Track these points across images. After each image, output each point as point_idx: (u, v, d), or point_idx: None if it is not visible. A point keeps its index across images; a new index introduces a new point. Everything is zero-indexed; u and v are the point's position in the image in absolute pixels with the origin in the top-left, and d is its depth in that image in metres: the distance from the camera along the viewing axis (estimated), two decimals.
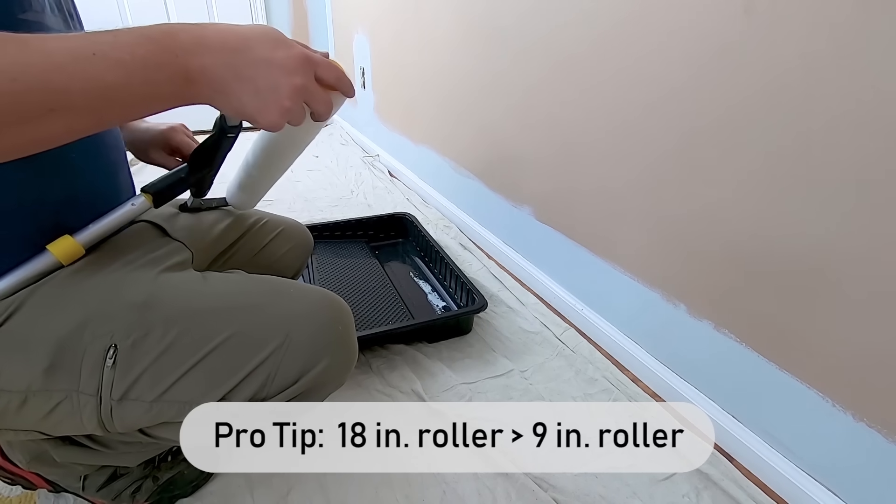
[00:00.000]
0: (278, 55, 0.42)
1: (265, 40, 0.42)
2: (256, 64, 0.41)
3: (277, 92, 0.42)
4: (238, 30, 0.42)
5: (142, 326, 0.48)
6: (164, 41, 0.38)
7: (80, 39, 0.35)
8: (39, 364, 0.45)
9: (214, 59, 0.40)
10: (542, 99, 1.13)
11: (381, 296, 1.20)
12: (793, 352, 0.72)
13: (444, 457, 0.81)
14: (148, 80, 0.37)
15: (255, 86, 0.41)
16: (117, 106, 0.37)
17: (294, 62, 0.42)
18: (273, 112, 0.42)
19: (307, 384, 0.51)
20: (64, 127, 0.36)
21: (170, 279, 0.52)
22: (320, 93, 0.45)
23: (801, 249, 0.68)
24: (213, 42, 0.40)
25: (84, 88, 0.34)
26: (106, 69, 0.35)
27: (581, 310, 1.14)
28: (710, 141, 0.77)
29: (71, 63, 0.34)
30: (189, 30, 0.40)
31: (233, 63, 0.40)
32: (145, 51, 0.37)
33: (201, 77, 0.39)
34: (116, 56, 0.36)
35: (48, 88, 0.33)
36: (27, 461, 0.64)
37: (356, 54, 2.31)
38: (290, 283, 0.57)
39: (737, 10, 0.69)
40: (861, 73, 0.57)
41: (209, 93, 0.41)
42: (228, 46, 0.40)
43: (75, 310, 0.47)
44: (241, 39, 0.41)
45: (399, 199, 1.88)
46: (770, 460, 0.77)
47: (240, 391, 0.49)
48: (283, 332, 0.51)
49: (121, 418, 0.48)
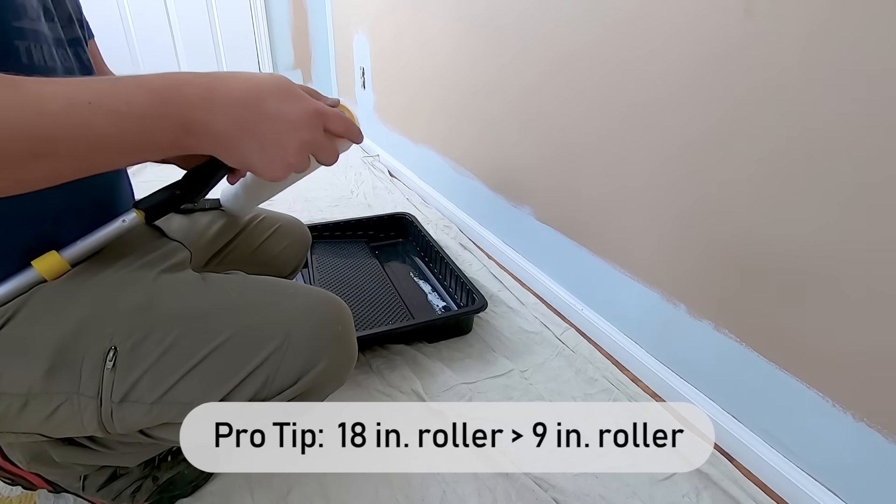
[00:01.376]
0: (288, 109, 0.41)
1: (275, 93, 0.41)
2: (264, 119, 0.40)
3: (283, 148, 0.41)
4: (248, 81, 0.41)
5: (141, 328, 0.47)
6: (166, 93, 0.37)
7: (78, 86, 0.34)
8: (40, 367, 0.45)
9: (221, 115, 0.39)
10: (542, 98, 1.13)
11: (381, 296, 1.20)
12: (793, 352, 0.72)
13: (444, 457, 0.81)
14: (143, 130, 0.36)
15: (261, 142, 0.41)
16: (107, 154, 0.36)
17: (303, 117, 0.42)
18: (277, 168, 0.42)
19: (307, 384, 0.51)
20: (49, 172, 0.35)
21: (169, 280, 0.52)
22: (327, 145, 0.45)
23: (801, 249, 0.68)
24: (221, 96, 0.39)
25: (73, 136, 0.33)
26: (99, 118, 0.34)
27: (581, 310, 1.14)
28: (710, 141, 0.77)
29: (63, 110, 0.33)
30: (197, 82, 0.39)
31: (240, 118, 0.39)
32: (144, 102, 0.36)
33: (204, 130, 0.39)
34: (112, 106, 0.35)
35: (35, 135, 0.32)
36: (27, 461, 0.64)
37: (356, 54, 2.31)
38: (290, 284, 0.57)
39: (737, 11, 0.69)
40: (861, 74, 0.57)
41: (210, 145, 0.40)
42: (237, 100, 0.39)
43: (75, 312, 0.47)
44: (250, 92, 0.40)
45: (399, 199, 1.88)
46: (770, 460, 0.77)
47: (240, 392, 0.49)
48: (283, 332, 0.50)
49: (121, 420, 0.48)
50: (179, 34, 2.36)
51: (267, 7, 2.46)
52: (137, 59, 2.33)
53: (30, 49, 0.43)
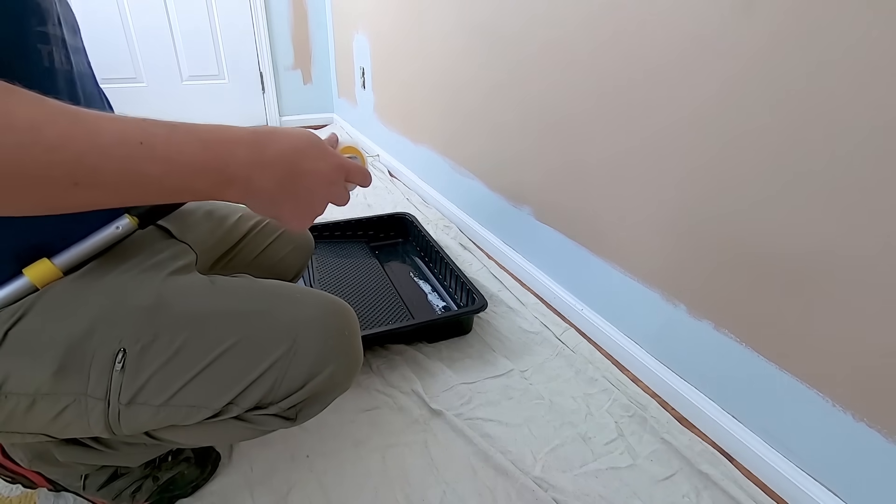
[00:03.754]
0: (321, 167, 0.45)
1: (313, 150, 0.45)
2: (302, 177, 0.43)
3: (313, 204, 0.46)
4: (290, 140, 0.43)
5: (150, 331, 0.47)
6: (219, 150, 0.39)
7: (133, 124, 0.35)
8: (48, 368, 0.45)
9: (263, 175, 0.41)
10: (543, 98, 1.13)
11: (381, 296, 1.20)
12: (793, 352, 0.72)
13: (444, 457, 0.81)
14: (187, 178, 0.38)
15: (295, 199, 0.44)
16: (146, 193, 0.38)
17: (333, 174, 0.46)
18: (305, 220, 0.46)
19: (313, 389, 0.51)
20: (84, 200, 0.35)
21: (177, 283, 0.52)
22: (345, 193, 0.49)
23: (801, 249, 0.68)
24: (267, 157, 0.41)
25: (118, 171, 0.35)
26: (148, 161, 0.35)
27: (581, 310, 1.14)
28: (710, 141, 0.77)
29: (114, 146, 0.34)
30: (247, 140, 0.40)
31: (280, 178, 0.42)
32: (195, 153, 0.37)
33: (244, 186, 0.41)
34: (163, 151, 0.36)
35: (82, 164, 0.33)
36: (29, 460, 0.64)
37: (356, 54, 2.31)
38: (297, 289, 0.57)
39: (737, 11, 0.69)
40: (861, 73, 0.57)
41: (245, 198, 0.42)
42: (280, 161, 0.42)
43: (84, 314, 0.47)
44: (292, 153, 0.43)
45: (399, 199, 1.88)
46: (770, 460, 0.77)
47: (247, 396, 0.49)
48: (291, 337, 0.51)
49: (128, 422, 0.48)
50: (179, 34, 2.36)
51: (267, 7, 2.46)
52: (137, 59, 2.33)
53: (51, 53, 0.44)
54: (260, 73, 2.59)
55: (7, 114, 0.30)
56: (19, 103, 0.31)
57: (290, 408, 0.52)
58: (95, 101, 0.53)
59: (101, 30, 2.21)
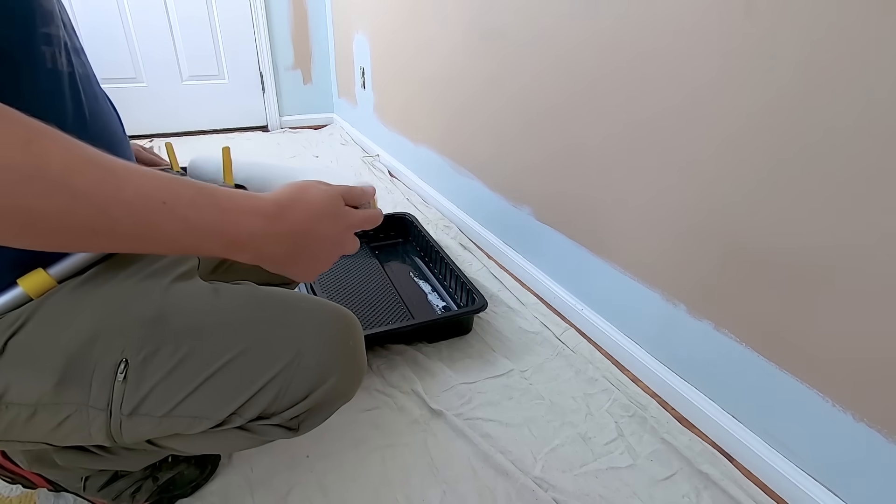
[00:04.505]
0: (334, 232, 0.46)
1: (328, 219, 0.45)
2: (314, 242, 0.45)
3: (322, 263, 0.47)
4: (311, 209, 0.44)
5: (153, 341, 0.47)
6: (237, 217, 0.40)
7: (159, 182, 0.36)
8: (50, 378, 0.44)
9: (275, 243, 0.42)
10: (543, 98, 1.13)
11: (381, 296, 1.20)
12: (793, 352, 0.72)
13: (444, 457, 0.81)
14: (202, 239, 0.39)
15: (304, 262, 0.45)
16: (159, 247, 0.38)
17: (344, 235, 0.47)
18: (311, 276, 0.47)
19: (317, 399, 0.51)
20: (95, 245, 0.36)
21: (180, 291, 0.51)
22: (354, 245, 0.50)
23: (801, 249, 0.68)
24: (281, 228, 0.42)
25: (135, 226, 0.35)
26: (167, 220, 0.36)
27: (581, 310, 1.14)
28: (710, 141, 0.77)
29: (137, 200, 0.35)
30: (267, 213, 0.41)
31: (291, 246, 0.43)
32: (213, 219, 0.38)
33: (255, 252, 0.42)
34: (183, 213, 0.37)
35: (103, 216, 0.34)
36: (29, 462, 0.64)
37: (356, 54, 2.31)
38: (301, 297, 0.57)
39: (737, 11, 0.69)
40: (860, 74, 0.57)
41: (254, 260, 0.43)
42: (295, 232, 0.43)
43: (85, 323, 0.46)
44: (308, 221, 0.44)
45: (399, 199, 1.88)
46: (770, 460, 0.77)
47: (250, 406, 0.49)
48: (295, 347, 0.50)
49: (130, 432, 0.48)
50: (179, 34, 2.36)
51: (267, 7, 2.46)
52: (137, 58, 2.33)
53: (54, 55, 0.43)
54: (260, 73, 2.59)
55: (41, 156, 0.31)
56: (52, 146, 0.32)
57: (293, 418, 0.51)
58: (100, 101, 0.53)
59: (101, 29, 2.21)
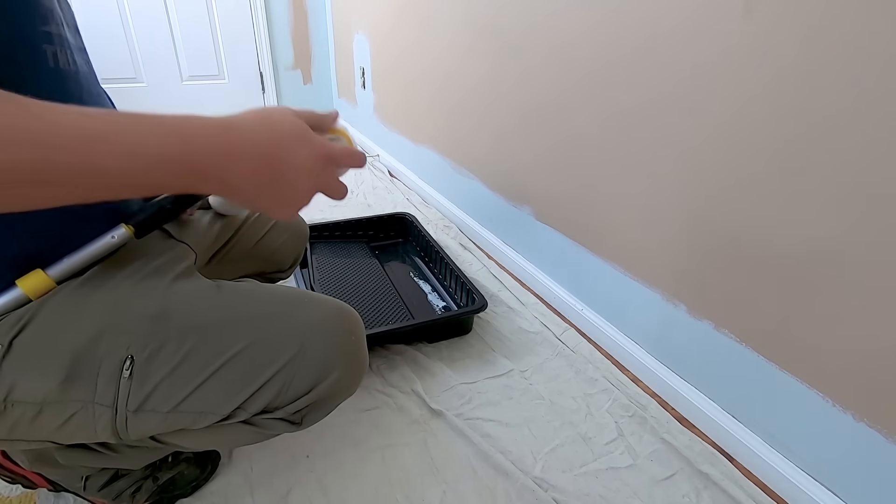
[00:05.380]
0: (303, 158, 0.42)
1: (293, 141, 0.41)
2: (280, 168, 0.41)
3: (296, 195, 0.43)
4: (269, 127, 0.41)
5: (157, 338, 0.47)
6: (187, 139, 0.36)
7: (97, 119, 0.33)
8: (55, 376, 0.44)
9: (237, 167, 0.39)
10: (543, 98, 1.13)
11: (381, 296, 1.20)
12: (793, 352, 0.72)
13: (444, 457, 0.81)
14: (154, 172, 0.35)
15: (276, 192, 0.41)
16: (112, 190, 0.35)
17: (318, 164, 0.43)
18: (288, 211, 0.43)
19: (319, 394, 0.51)
20: (49, 198, 0.33)
21: (183, 288, 0.52)
22: (336, 185, 0.46)
23: (801, 249, 0.68)
24: (238, 150, 0.39)
25: (81, 169, 0.32)
26: (111, 156, 0.33)
27: (581, 310, 1.14)
28: (711, 141, 0.77)
29: (77, 142, 0.32)
30: (217, 131, 0.38)
31: (255, 170, 0.40)
32: (161, 145, 0.35)
33: (217, 180, 0.38)
34: (126, 145, 0.34)
35: (44, 160, 0.31)
36: (30, 461, 0.64)
37: (356, 54, 2.31)
38: (303, 293, 0.57)
39: (737, 11, 0.69)
40: (860, 74, 0.57)
41: (222, 191, 0.40)
42: (254, 153, 0.39)
43: (90, 321, 0.46)
44: (271, 141, 0.40)
45: (399, 199, 1.88)
46: (770, 460, 0.77)
47: (254, 401, 0.49)
48: (298, 343, 0.51)
49: (136, 428, 0.48)
50: (179, 34, 2.36)
51: (267, 7, 2.46)
52: (137, 58, 2.33)
53: (56, 53, 0.43)
54: (260, 73, 2.59)
55: None
56: None
57: (296, 412, 0.52)
58: (104, 101, 0.53)
59: (101, 29, 2.21)
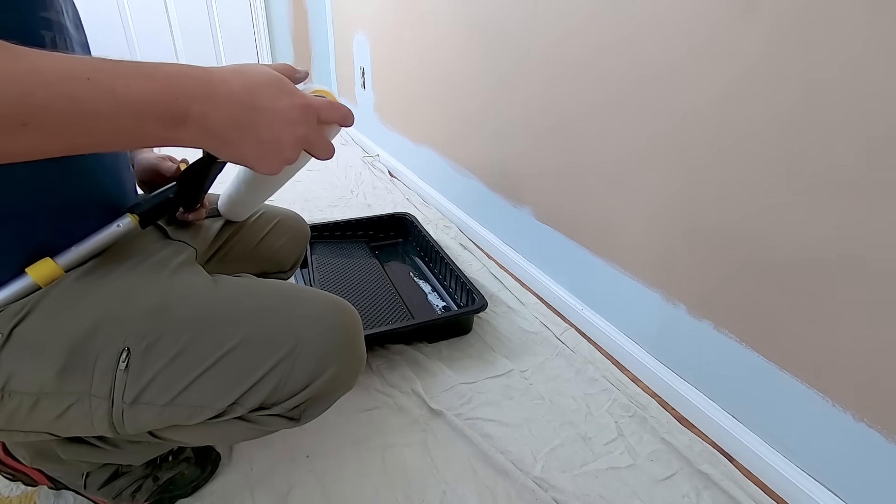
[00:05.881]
0: (282, 105, 0.41)
1: (269, 89, 0.41)
2: (260, 115, 0.40)
3: (279, 144, 0.42)
4: (243, 76, 0.41)
5: (155, 331, 0.47)
6: (166, 81, 0.36)
7: (78, 61, 0.34)
8: (52, 367, 0.45)
9: (218, 110, 0.39)
10: (543, 98, 1.13)
11: (381, 296, 1.20)
12: (793, 352, 0.72)
13: (444, 457, 0.81)
14: (137, 114, 0.35)
15: (257, 138, 0.41)
16: (95, 135, 0.35)
17: (297, 112, 0.42)
18: (273, 163, 0.43)
19: (316, 389, 0.51)
20: (32, 145, 0.33)
21: (182, 282, 0.52)
22: (322, 139, 0.45)
23: (801, 250, 0.68)
24: (219, 91, 0.39)
25: (65, 109, 0.32)
26: (95, 95, 0.33)
27: (581, 310, 1.14)
28: (711, 141, 0.77)
29: (60, 82, 0.32)
30: (196, 75, 0.38)
31: (236, 113, 0.39)
32: (143, 86, 0.35)
33: (199, 124, 0.38)
34: (110, 85, 0.34)
35: (27, 102, 0.31)
36: (31, 457, 0.64)
37: (356, 54, 2.31)
38: (301, 289, 0.57)
39: (737, 11, 0.69)
40: (860, 73, 0.57)
41: (204, 139, 0.40)
42: (235, 96, 0.39)
43: (88, 313, 0.47)
44: (246, 89, 0.40)
45: (399, 199, 1.88)
46: (770, 460, 0.77)
47: (251, 396, 0.49)
48: (295, 337, 0.51)
49: (132, 421, 0.48)
50: (179, 34, 2.36)
51: (267, 7, 2.47)
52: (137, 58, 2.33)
53: (55, 40, 0.43)
54: None
55: None
56: None
57: (294, 408, 0.52)
58: None
59: (101, 29, 2.21)
